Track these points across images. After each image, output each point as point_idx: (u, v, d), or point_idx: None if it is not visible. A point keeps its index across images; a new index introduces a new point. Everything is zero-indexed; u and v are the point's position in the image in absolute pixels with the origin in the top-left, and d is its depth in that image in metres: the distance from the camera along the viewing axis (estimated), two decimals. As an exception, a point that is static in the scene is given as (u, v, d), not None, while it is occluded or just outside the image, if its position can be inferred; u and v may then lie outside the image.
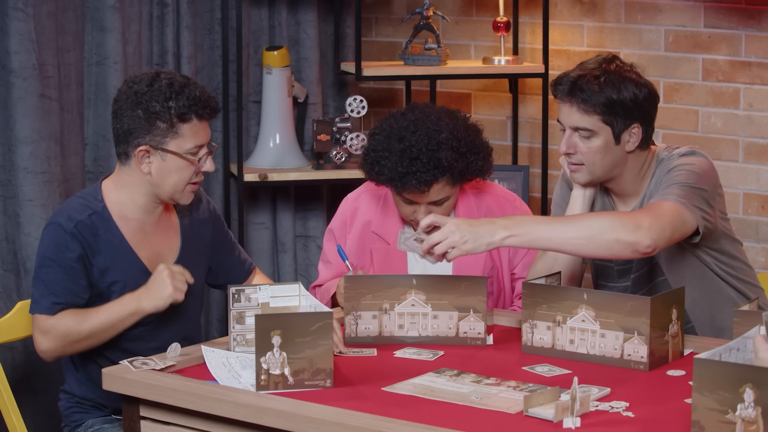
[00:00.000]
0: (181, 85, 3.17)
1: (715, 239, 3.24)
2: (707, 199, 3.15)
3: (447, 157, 3.32)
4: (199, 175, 3.23)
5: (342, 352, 3.05)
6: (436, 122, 3.38)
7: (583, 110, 3.19)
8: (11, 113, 4.11)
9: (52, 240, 3.18)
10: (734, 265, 3.31)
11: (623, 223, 2.98)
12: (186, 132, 3.17)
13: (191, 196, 3.26)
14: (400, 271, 3.50)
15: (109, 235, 3.21)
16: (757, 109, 4.47)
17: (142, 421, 2.89)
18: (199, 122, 3.19)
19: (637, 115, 3.21)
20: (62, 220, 3.18)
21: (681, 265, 3.26)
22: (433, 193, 3.37)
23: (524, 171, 4.86)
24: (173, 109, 3.14)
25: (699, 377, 2.37)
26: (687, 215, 3.08)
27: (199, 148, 3.20)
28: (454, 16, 5.11)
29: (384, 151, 3.36)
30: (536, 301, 3.05)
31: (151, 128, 3.15)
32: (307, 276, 5.11)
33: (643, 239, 2.97)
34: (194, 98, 3.16)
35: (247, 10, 4.94)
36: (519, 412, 2.61)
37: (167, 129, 3.15)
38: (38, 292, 3.18)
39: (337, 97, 5.22)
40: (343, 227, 3.58)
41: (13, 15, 4.07)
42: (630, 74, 3.22)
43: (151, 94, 3.14)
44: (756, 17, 4.42)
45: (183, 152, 3.17)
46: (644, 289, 3.31)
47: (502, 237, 2.95)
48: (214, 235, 3.43)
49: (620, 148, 3.22)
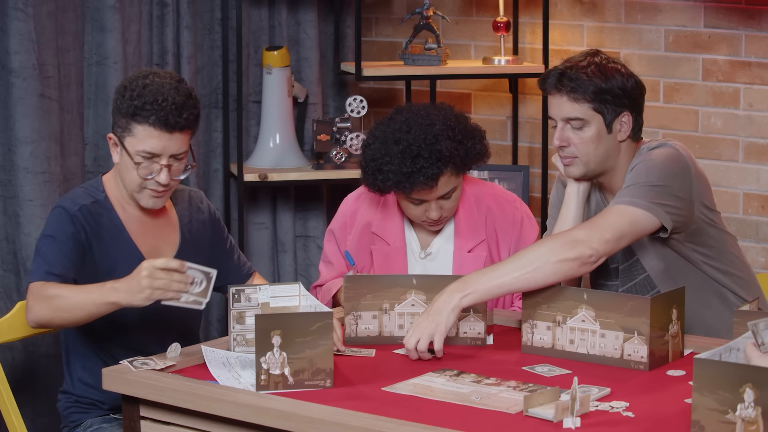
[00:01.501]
0: (157, 86, 3.13)
1: (696, 232, 3.24)
2: (673, 193, 3.15)
3: (447, 147, 3.33)
4: (153, 182, 3.17)
5: (340, 351, 3.05)
6: (426, 117, 3.39)
7: (573, 99, 3.22)
8: (11, 113, 4.11)
9: (55, 219, 3.21)
10: (723, 258, 3.30)
11: (561, 244, 3.05)
12: (138, 133, 3.14)
13: (153, 201, 3.22)
14: (400, 271, 3.50)
15: (110, 223, 3.23)
16: (757, 109, 4.47)
17: (142, 421, 2.89)
18: (154, 129, 3.12)
19: (627, 103, 3.24)
20: (66, 204, 3.22)
21: (663, 261, 3.26)
22: (441, 187, 3.38)
23: (524, 171, 4.86)
24: (132, 107, 3.13)
25: (699, 377, 2.37)
26: (639, 215, 3.10)
27: (151, 155, 3.14)
28: (454, 16, 5.11)
29: (384, 157, 3.36)
30: (536, 301, 3.05)
31: (117, 119, 3.18)
32: (307, 276, 5.11)
33: (584, 251, 3.03)
34: (157, 103, 3.11)
35: (247, 10, 4.95)
36: (519, 412, 2.61)
37: (125, 124, 3.16)
38: (35, 265, 3.18)
39: (337, 97, 5.22)
40: (343, 228, 3.58)
41: (13, 15, 4.08)
42: (615, 65, 3.27)
43: (130, 86, 3.16)
44: (756, 17, 4.42)
45: (132, 152, 3.16)
46: (628, 285, 3.31)
47: (459, 298, 3.02)
48: (213, 238, 3.43)
49: (612, 138, 3.24)
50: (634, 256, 3.28)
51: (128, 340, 3.23)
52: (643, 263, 3.28)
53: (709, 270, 3.28)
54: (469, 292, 3.02)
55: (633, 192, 3.14)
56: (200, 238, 3.39)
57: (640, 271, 3.29)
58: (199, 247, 3.37)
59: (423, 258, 3.52)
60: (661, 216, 3.12)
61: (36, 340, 4.12)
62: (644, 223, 3.12)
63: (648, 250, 3.26)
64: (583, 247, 3.03)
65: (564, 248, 3.03)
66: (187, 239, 3.35)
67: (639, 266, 3.29)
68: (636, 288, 3.30)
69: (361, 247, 3.54)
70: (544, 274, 3.03)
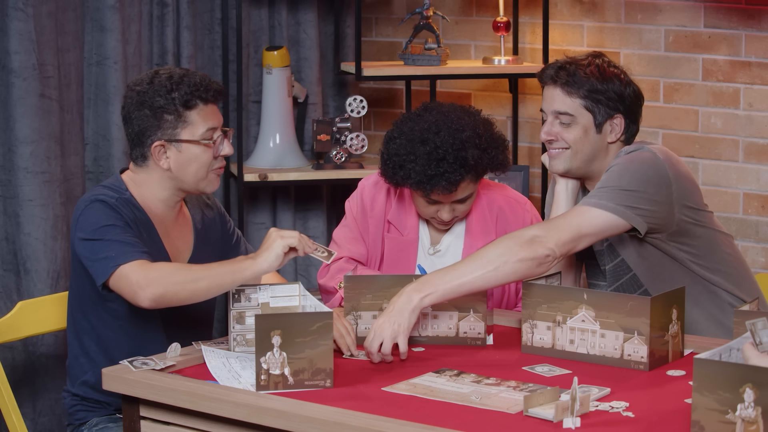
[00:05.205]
0: (181, 76, 3.20)
1: (679, 233, 3.23)
2: (646, 197, 3.14)
3: (473, 156, 3.34)
4: (219, 159, 3.25)
5: (353, 356, 3.05)
6: (456, 121, 3.38)
7: (566, 92, 3.24)
8: (11, 113, 4.11)
9: (101, 210, 3.14)
10: (713, 257, 3.29)
11: (518, 243, 3.05)
12: (194, 118, 3.19)
13: (217, 182, 3.28)
14: (409, 261, 3.50)
15: (141, 219, 3.22)
16: (757, 109, 4.47)
17: (142, 421, 2.89)
18: (206, 106, 3.21)
19: (620, 108, 3.26)
20: (101, 197, 3.17)
21: (647, 260, 3.26)
22: (459, 192, 3.39)
23: (524, 171, 4.86)
24: (177, 99, 3.17)
25: (699, 377, 2.37)
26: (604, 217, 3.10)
27: (212, 131, 3.22)
28: (454, 16, 5.11)
29: (408, 155, 3.36)
30: (536, 301, 3.05)
31: (161, 123, 3.18)
32: (307, 276, 5.11)
33: (540, 250, 3.04)
34: (195, 84, 3.19)
35: (247, 10, 4.95)
36: (519, 412, 2.61)
37: (176, 119, 3.18)
38: (116, 250, 3.07)
39: (337, 97, 5.22)
40: (363, 212, 3.57)
41: (13, 15, 4.08)
42: (616, 70, 3.29)
43: (154, 91, 3.18)
44: (756, 17, 4.42)
45: (197, 138, 3.20)
46: (615, 285, 3.31)
47: (419, 298, 3.01)
48: (222, 233, 3.45)
49: (601, 138, 3.27)
50: (619, 257, 3.29)
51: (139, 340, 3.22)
52: (628, 263, 3.28)
53: (696, 268, 3.27)
54: (429, 293, 3.02)
55: (601, 194, 3.14)
56: (211, 235, 3.40)
57: (626, 271, 3.29)
58: (211, 243, 3.39)
59: (432, 254, 3.53)
60: (632, 219, 3.13)
61: (36, 340, 4.12)
62: (608, 224, 3.12)
63: (630, 249, 3.26)
64: (539, 246, 3.04)
65: (522, 248, 3.04)
66: (201, 237, 3.37)
67: (624, 266, 3.29)
68: (623, 287, 3.30)
69: (375, 233, 3.55)
70: (505, 273, 3.03)
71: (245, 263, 3.01)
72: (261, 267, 2.99)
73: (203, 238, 3.37)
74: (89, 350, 3.27)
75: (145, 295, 3.00)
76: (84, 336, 3.28)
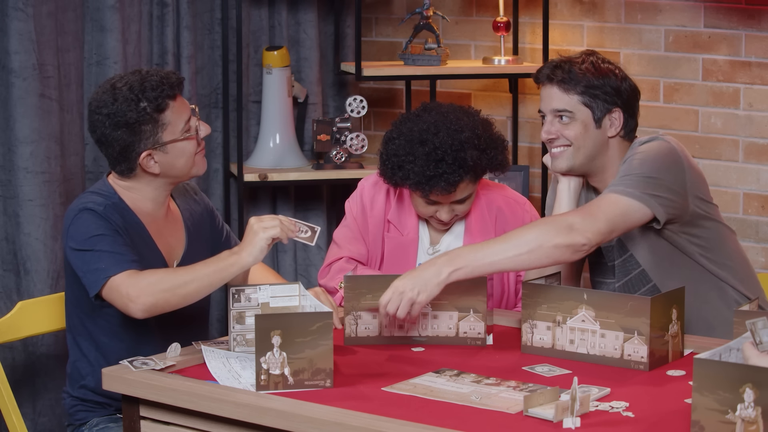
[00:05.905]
0: (140, 82, 3.19)
1: (691, 223, 3.24)
2: (666, 185, 3.15)
3: (472, 156, 3.34)
4: (201, 143, 3.28)
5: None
6: (456, 122, 3.39)
7: (563, 90, 3.26)
8: (11, 113, 4.11)
9: (90, 220, 3.15)
10: (721, 250, 3.30)
11: (557, 228, 3.03)
12: (170, 117, 3.20)
13: (204, 162, 3.31)
14: (409, 261, 3.51)
15: (132, 223, 3.23)
16: (757, 109, 4.47)
17: (142, 421, 2.89)
18: (175, 101, 3.22)
19: (618, 102, 3.27)
20: (90, 206, 3.18)
21: (657, 255, 3.26)
22: (458, 192, 3.40)
23: (524, 171, 4.86)
24: (148, 107, 3.17)
25: (699, 377, 2.37)
26: (632, 205, 3.10)
27: (188, 121, 3.24)
28: (454, 16, 5.11)
29: (407, 156, 3.36)
30: (536, 301, 3.05)
31: (141, 135, 3.18)
32: (307, 276, 5.11)
33: (578, 239, 3.03)
34: (157, 85, 3.18)
35: (247, 10, 4.95)
36: (519, 412, 2.61)
37: (154, 126, 3.18)
38: (106, 261, 3.09)
39: (337, 97, 5.22)
40: (363, 212, 3.57)
41: (13, 15, 4.07)
42: (610, 66, 3.31)
43: (121, 107, 3.17)
44: (756, 17, 4.42)
45: (179, 136, 3.21)
46: (624, 280, 3.31)
47: (448, 273, 3.00)
48: (211, 228, 3.46)
49: (602, 133, 3.27)
50: (628, 252, 3.29)
51: (136, 343, 3.22)
52: (636, 258, 3.28)
53: (705, 262, 3.28)
54: (460, 267, 3.00)
55: (627, 182, 3.14)
56: (201, 230, 3.41)
57: (634, 266, 3.29)
58: (202, 239, 3.40)
59: (431, 254, 3.53)
60: (654, 207, 3.13)
61: (36, 340, 4.11)
62: (637, 214, 3.12)
63: (640, 244, 3.26)
64: (578, 235, 3.03)
65: (559, 233, 3.02)
66: (192, 233, 3.37)
67: (633, 261, 3.29)
68: (632, 282, 3.30)
69: (375, 232, 3.55)
70: (539, 257, 3.02)
71: (230, 260, 3.03)
72: (246, 262, 3.03)
73: (194, 233, 3.38)
74: (88, 355, 3.28)
75: (137, 307, 3.05)
76: (82, 341, 3.28)
